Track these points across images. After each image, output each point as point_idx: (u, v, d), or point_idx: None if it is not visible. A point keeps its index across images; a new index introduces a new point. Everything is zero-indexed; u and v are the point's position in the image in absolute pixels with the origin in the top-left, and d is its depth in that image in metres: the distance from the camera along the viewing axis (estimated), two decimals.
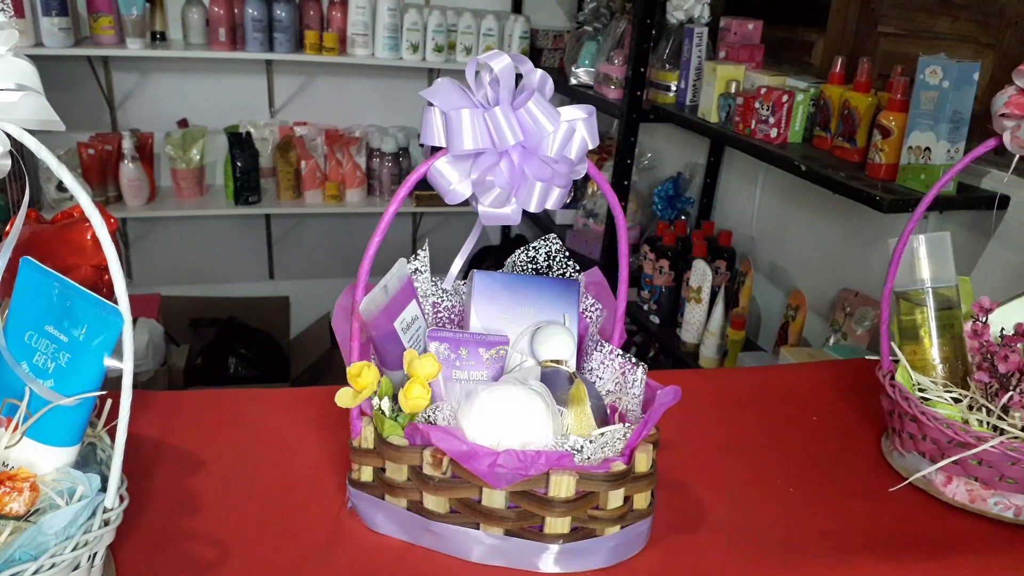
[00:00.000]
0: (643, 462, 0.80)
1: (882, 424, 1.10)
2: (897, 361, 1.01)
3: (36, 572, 0.59)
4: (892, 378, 0.99)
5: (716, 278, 2.13)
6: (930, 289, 1.02)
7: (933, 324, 1.02)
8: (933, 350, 1.02)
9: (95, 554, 0.65)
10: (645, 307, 2.36)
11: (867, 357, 1.17)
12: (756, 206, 2.27)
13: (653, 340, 2.41)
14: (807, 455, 1.05)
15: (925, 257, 1.02)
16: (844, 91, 1.67)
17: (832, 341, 1.86)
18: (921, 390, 0.99)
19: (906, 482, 0.98)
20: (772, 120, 1.79)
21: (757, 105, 1.83)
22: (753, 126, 1.85)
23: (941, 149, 1.42)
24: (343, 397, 0.78)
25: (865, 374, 1.20)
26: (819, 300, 2.00)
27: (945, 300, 1.02)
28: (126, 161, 2.69)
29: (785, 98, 1.77)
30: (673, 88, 2.23)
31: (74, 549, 0.61)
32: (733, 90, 1.96)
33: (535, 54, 3.00)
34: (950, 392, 0.98)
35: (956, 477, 0.95)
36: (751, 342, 2.16)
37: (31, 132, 0.60)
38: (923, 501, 0.96)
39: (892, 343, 1.03)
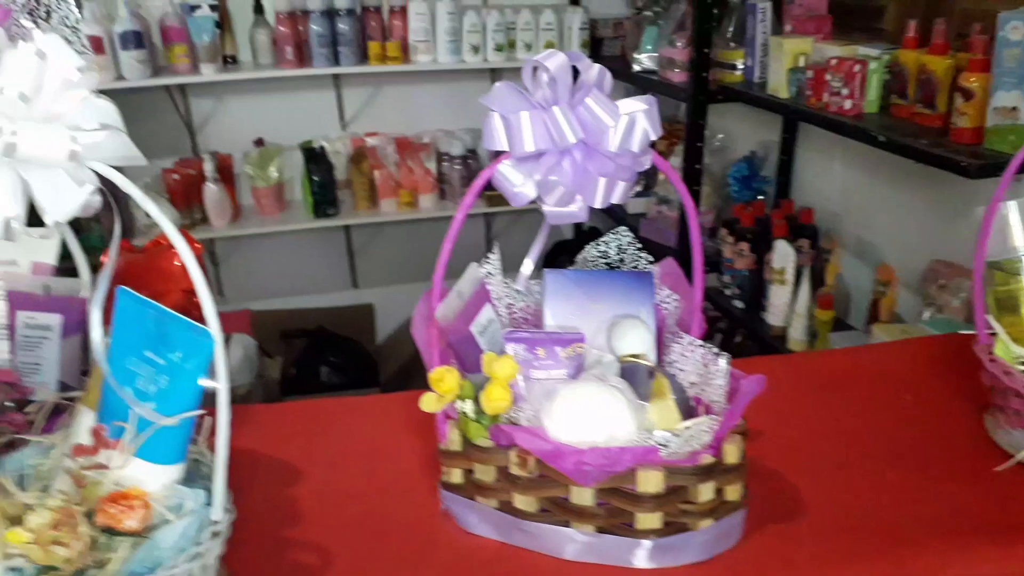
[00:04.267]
0: (732, 453, 0.79)
1: (984, 400, 1.05)
2: (995, 334, 0.97)
3: None
4: (991, 353, 0.95)
5: (800, 257, 2.07)
6: None
7: None
8: None
9: (207, 565, 0.69)
10: (727, 292, 2.32)
11: (963, 331, 1.13)
12: (837, 180, 2.20)
13: (738, 326, 2.37)
14: (904, 437, 1.01)
15: (1018, 224, 0.97)
16: (919, 55, 1.60)
17: (927, 316, 1.79)
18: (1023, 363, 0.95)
19: (1014, 460, 0.93)
20: (845, 91, 1.74)
21: (828, 77, 1.77)
22: (826, 99, 1.79)
23: None
24: (427, 402, 0.80)
25: (962, 349, 1.15)
26: (909, 274, 1.92)
27: None
28: (208, 183, 2.79)
29: (857, 67, 1.71)
30: (740, 66, 2.19)
31: (187, 561, 0.64)
32: (802, 64, 1.91)
33: (596, 44, 2.98)
34: None
35: None
36: (841, 321, 2.10)
37: (118, 167, 0.63)
38: None
39: (988, 316, 0.99)
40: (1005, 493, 0.90)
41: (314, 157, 2.86)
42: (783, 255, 2.06)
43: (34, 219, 0.62)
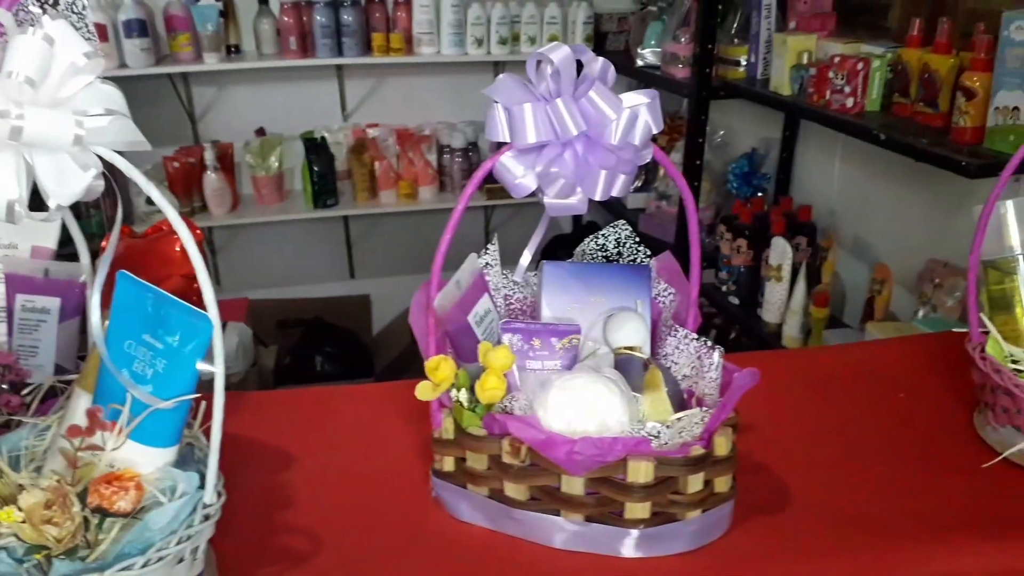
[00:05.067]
0: (722, 446, 0.79)
1: (974, 398, 1.06)
2: (988, 333, 0.98)
3: (145, 565, 0.63)
4: (983, 351, 0.96)
5: (797, 255, 2.08)
6: (1020, 257, 0.98)
7: None
8: None
9: (197, 547, 0.69)
10: (724, 288, 2.33)
11: (956, 330, 1.13)
12: (836, 178, 2.21)
13: (733, 323, 2.37)
14: (895, 433, 1.02)
15: (1013, 223, 0.98)
16: (923, 54, 1.61)
17: (921, 314, 1.80)
18: (1015, 362, 0.95)
19: (1000, 457, 0.94)
20: (848, 89, 1.74)
21: (831, 75, 1.77)
22: (828, 96, 1.80)
23: None
24: (423, 390, 0.81)
25: (955, 347, 1.16)
26: (906, 272, 1.93)
27: None
28: (209, 172, 2.80)
29: (860, 65, 1.71)
30: (743, 63, 2.19)
31: (178, 543, 0.65)
32: (805, 61, 1.91)
33: (600, 38, 2.98)
34: None
35: None
36: (836, 319, 2.11)
37: (120, 153, 0.63)
38: (1020, 476, 0.92)
39: (981, 314, 0.99)
40: (991, 489, 0.91)
41: (315, 147, 2.86)
42: (780, 252, 2.06)
43: (35, 203, 0.62)
